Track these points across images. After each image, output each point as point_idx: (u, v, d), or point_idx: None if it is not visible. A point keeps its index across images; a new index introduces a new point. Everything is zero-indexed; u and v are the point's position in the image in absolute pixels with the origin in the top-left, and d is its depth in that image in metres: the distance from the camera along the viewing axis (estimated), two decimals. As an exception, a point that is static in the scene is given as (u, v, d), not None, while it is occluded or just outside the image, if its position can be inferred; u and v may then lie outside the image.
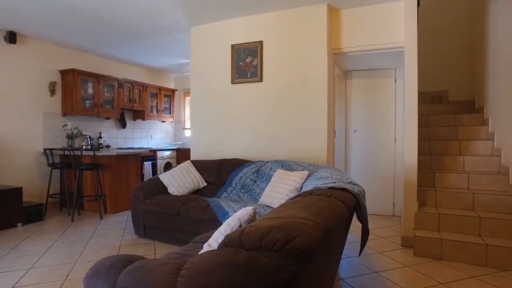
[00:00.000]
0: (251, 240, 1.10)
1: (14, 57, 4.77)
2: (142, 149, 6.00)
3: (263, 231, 1.12)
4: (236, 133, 4.25)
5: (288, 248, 1.05)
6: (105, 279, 1.28)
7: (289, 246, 1.06)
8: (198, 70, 4.51)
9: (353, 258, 3.06)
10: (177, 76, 7.80)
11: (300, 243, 1.07)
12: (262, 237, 1.09)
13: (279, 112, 3.98)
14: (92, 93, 5.51)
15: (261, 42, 4.06)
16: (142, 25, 4.38)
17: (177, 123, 7.76)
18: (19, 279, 2.64)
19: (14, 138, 4.76)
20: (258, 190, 3.54)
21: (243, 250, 1.09)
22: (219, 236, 1.48)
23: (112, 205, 4.79)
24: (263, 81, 4.07)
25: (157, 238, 3.54)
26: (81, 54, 5.72)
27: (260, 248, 1.08)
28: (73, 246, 3.39)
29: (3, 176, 4.63)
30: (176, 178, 3.74)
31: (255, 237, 1.10)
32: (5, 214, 4.04)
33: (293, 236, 1.09)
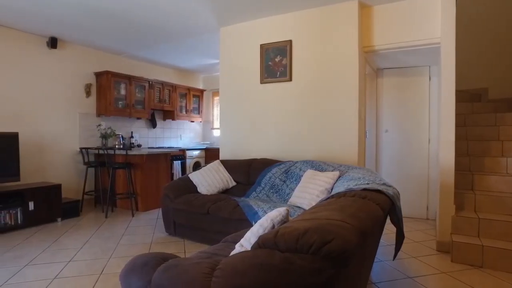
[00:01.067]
0: (286, 241, 1.08)
1: (54, 61, 5.01)
2: (171, 148, 6.13)
3: (299, 232, 1.09)
4: (265, 133, 4.24)
5: (325, 251, 1.02)
6: (140, 276, 1.30)
7: (325, 248, 1.03)
8: (227, 70, 4.54)
9: (385, 262, 2.96)
10: (205, 76, 7.90)
11: (337, 246, 1.04)
12: (297, 239, 1.07)
13: (309, 112, 3.93)
14: (124, 94, 5.69)
15: (290, 41, 4.03)
16: (172, 27, 4.46)
17: (205, 123, 7.86)
18: (60, 270, 2.77)
19: (53, 138, 5.00)
20: (287, 190, 3.50)
21: (278, 251, 1.07)
22: (252, 236, 1.47)
23: (143, 203, 4.92)
24: (292, 80, 4.03)
25: (186, 237, 3.59)
26: (115, 57, 5.92)
27: (296, 250, 1.06)
28: (107, 242, 3.51)
29: (44, 174, 4.88)
30: (205, 177, 3.78)
31: (291, 239, 1.08)
32: (47, 209, 4.26)
33: (329, 238, 1.06)
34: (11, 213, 3.95)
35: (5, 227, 3.90)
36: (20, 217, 4.03)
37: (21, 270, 2.80)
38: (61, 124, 5.11)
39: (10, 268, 2.85)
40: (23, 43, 4.66)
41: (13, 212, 3.97)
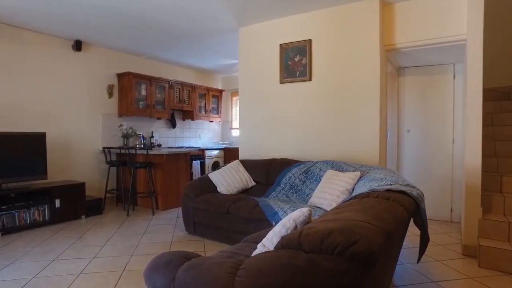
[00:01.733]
0: (310, 242, 1.07)
1: (79, 63, 5.16)
2: (191, 148, 6.20)
3: (323, 233, 1.08)
4: (284, 133, 4.23)
5: (350, 252, 1.01)
6: (164, 274, 1.32)
7: (351, 250, 1.01)
8: (246, 70, 4.55)
9: (407, 265, 2.90)
10: (224, 76, 7.94)
11: (363, 248, 1.02)
12: (322, 240, 1.06)
13: (329, 111, 3.89)
14: (145, 94, 5.79)
15: (310, 41, 4.00)
16: (192, 28, 4.51)
17: (224, 123, 7.91)
18: (85, 266, 2.86)
19: (78, 137, 5.15)
20: (307, 190, 3.48)
21: (303, 252, 1.07)
22: (274, 236, 1.46)
23: (163, 202, 5.00)
24: (312, 80, 4.00)
25: (206, 236, 3.62)
26: (136, 58, 6.04)
27: (321, 251, 1.05)
28: (129, 240, 3.58)
29: (69, 172, 5.03)
30: (225, 177, 3.80)
31: (315, 240, 1.07)
32: (72, 207, 4.39)
33: (355, 240, 1.04)
34: (39, 210, 4.10)
35: (34, 223, 4.05)
36: (47, 214, 4.17)
37: (50, 264, 2.90)
38: (85, 124, 5.26)
39: (39, 262, 2.96)
40: (51, 47, 4.83)
41: (41, 209, 4.12)
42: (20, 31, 4.52)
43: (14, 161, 4.05)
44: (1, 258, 3.07)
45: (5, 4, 3.70)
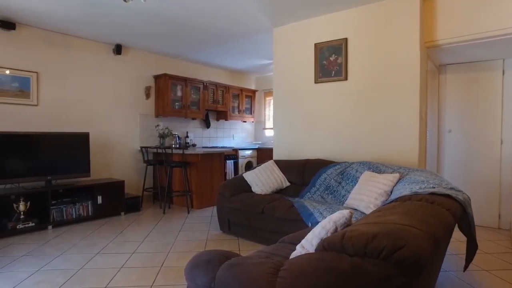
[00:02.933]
0: (354, 245, 1.05)
1: (119, 66, 5.39)
2: (225, 148, 6.28)
3: (367, 237, 1.05)
4: (319, 133, 4.17)
5: (397, 257, 0.97)
6: (205, 272, 1.34)
7: (397, 255, 0.98)
8: (281, 70, 4.54)
9: (451, 273, 2.76)
10: (258, 76, 7.98)
11: (409, 253, 0.98)
12: (366, 243, 1.03)
13: (365, 111, 3.79)
14: (181, 95, 5.94)
15: (345, 39, 3.92)
16: (227, 29, 4.57)
17: (257, 123, 7.95)
18: (126, 261, 2.98)
19: (117, 137, 5.39)
20: (343, 192, 3.41)
21: (346, 255, 1.05)
22: (313, 238, 1.44)
23: (198, 201, 5.10)
24: (348, 79, 3.92)
25: (240, 235, 3.65)
26: (172, 60, 6.21)
27: (365, 254, 1.02)
28: (166, 237, 3.68)
29: (109, 170, 5.27)
30: (260, 177, 3.81)
31: (359, 243, 1.05)
32: (113, 204, 4.60)
33: (401, 244, 1.00)
34: (83, 205, 4.34)
35: (79, 218, 4.29)
36: (90, 210, 4.40)
37: (94, 257, 3.06)
38: (124, 124, 5.48)
39: (85, 254, 3.13)
40: (94, 52, 5.08)
41: (85, 204, 4.35)
42: (67, 38, 4.79)
43: (62, 159, 4.30)
44: (53, 249, 3.29)
45: (57, 13, 3.94)
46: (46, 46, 4.60)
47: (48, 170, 4.18)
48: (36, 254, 3.15)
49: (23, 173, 3.99)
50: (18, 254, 3.18)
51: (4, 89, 4.23)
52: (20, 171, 3.97)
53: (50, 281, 2.58)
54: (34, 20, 4.22)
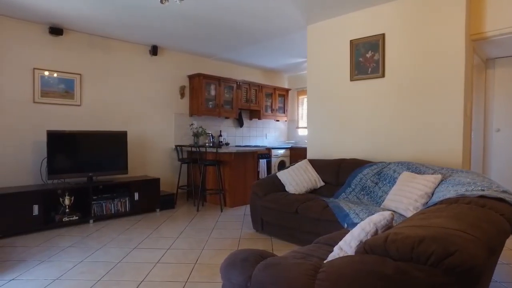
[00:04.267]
0: (399, 249, 0.99)
1: (155, 67, 5.55)
2: (258, 147, 6.28)
3: (413, 240, 0.99)
4: (355, 132, 4.06)
5: (447, 264, 0.91)
6: (240, 271, 1.33)
7: (448, 261, 0.91)
8: (315, 68, 4.46)
9: (502, 284, 2.57)
10: (290, 75, 7.91)
11: (462, 260, 0.91)
12: (412, 247, 0.97)
13: (403, 110, 3.63)
14: (214, 94, 6.01)
15: (383, 35, 3.78)
16: (260, 28, 4.56)
17: (290, 122, 7.89)
18: (161, 256, 3.05)
19: (153, 136, 5.55)
20: (380, 193, 3.29)
21: (390, 259, 0.99)
22: (352, 240, 1.39)
23: (231, 199, 5.14)
24: (385, 76, 3.78)
25: (273, 234, 3.63)
26: (206, 60, 6.30)
27: (411, 259, 0.96)
28: (200, 234, 3.74)
29: (145, 168, 5.44)
30: (293, 176, 3.77)
31: (404, 247, 0.99)
32: (148, 200, 4.74)
33: (451, 250, 0.93)
34: (121, 201, 4.50)
35: (117, 213, 4.46)
36: (128, 206, 4.56)
37: (131, 252, 3.16)
38: (160, 123, 5.64)
39: (123, 248, 3.25)
40: (131, 53, 5.27)
41: (123, 200, 4.52)
42: (108, 41, 5.00)
43: (102, 157, 4.50)
44: (95, 242, 3.44)
45: (99, 18, 4.12)
46: (89, 49, 4.82)
47: (90, 167, 4.38)
48: (79, 246, 3.31)
49: (68, 169, 4.21)
50: (64, 245, 3.36)
51: (52, 91, 4.49)
52: (66, 168, 4.19)
53: (92, 272, 2.69)
54: (79, 25, 4.44)
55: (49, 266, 2.83)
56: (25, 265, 2.85)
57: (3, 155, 4.13)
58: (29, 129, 4.32)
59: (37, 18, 4.19)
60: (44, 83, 4.43)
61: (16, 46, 4.23)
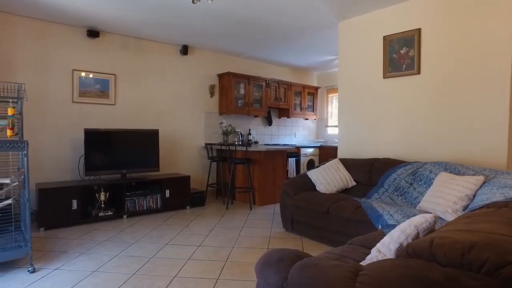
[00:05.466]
0: (447, 255, 0.94)
1: (185, 66, 5.65)
2: (287, 145, 6.25)
3: (463, 246, 0.94)
4: (387, 131, 3.93)
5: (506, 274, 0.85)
6: (276, 271, 1.32)
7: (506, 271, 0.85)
8: (347, 66, 4.36)
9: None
10: (320, 73, 7.80)
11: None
12: (462, 254, 0.92)
13: (441, 107, 3.47)
14: (244, 93, 6.03)
15: (418, 30, 3.63)
16: (291, 26, 4.52)
17: (319, 121, 7.78)
18: (193, 253, 3.10)
19: (184, 134, 5.65)
20: (414, 194, 3.17)
21: (437, 265, 0.94)
22: (391, 242, 1.34)
23: (260, 198, 5.14)
24: (421, 73, 3.63)
25: (304, 234, 3.59)
26: (235, 58, 6.33)
27: (462, 266, 0.91)
28: (230, 232, 3.76)
29: (176, 166, 5.55)
30: (324, 175, 3.71)
31: (453, 252, 0.94)
32: (179, 198, 4.83)
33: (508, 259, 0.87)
34: (153, 198, 4.62)
35: (149, 210, 4.58)
36: (159, 202, 4.67)
37: (164, 247, 3.24)
38: (190, 122, 5.73)
39: (156, 244, 3.33)
40: (163, 53, 5.39)
41: (154, 197, 4.63)
42: (140, 41, 5.15)
43: (135, 154, 4.63)
44: (129, 237, 3.55)
45: (133, 19, 4.25)
46: (123, 50, 4.98)
47: (123, 164, 4.52)
48: (115, 240, 3.43)
49: (103, 166, 4.37)
50: (101, 238, 3.50)
51: (89, 91, 4.68)
52: (101, 165, 4.36)
53: (127, 266, 2.78)
54: (114, 27, 4.59)
55: (88, 258, 2.95)
56: (67, 256, 2.99)
57: (47, 152, 4.35)
58: (68, 127, 4.53)
59: (77, 22, 4.37)
60: (81, 84, 4.62)
61: (58, 49, 4.44)
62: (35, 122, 4.26)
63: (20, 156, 2.92)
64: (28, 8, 3.92)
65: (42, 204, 3.75)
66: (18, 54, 4.17)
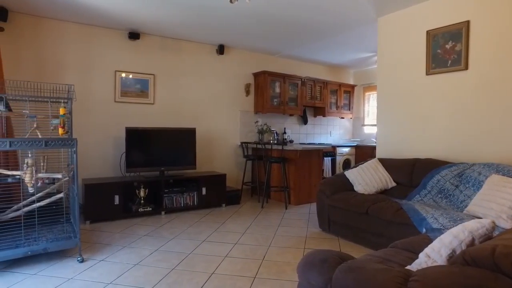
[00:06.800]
0: (513, 264, 0.87)
1: (221, 65, 5.72)
2: (323, 145, 6.15)
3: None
4: (430, 130, 3.75)
5: None
6: (320, 272, 1.30)
7: None
8: (386, 63, 4.21)
9: None
10: (356, 71, 7.61)
11: None
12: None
13: (490, 105, 3.25)
14: (279, 92, 6.01)
15: (467, 23, 3.42)
16: (327, 23, 4.44)
17: (356, 119, 7.59)
18: (229, 250, 3.13)
19: (220, 132, 5.73)
20: (461, 197, 3.00)
21: (503, 276, 0.88)
22: (442, 248, 1.27)
23: (295, 197, 5.10)
24: (468, 68, 3.42)
25: (341, 235, 3.52)
26: (270, 57, 6.32)
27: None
28: (265, 231, 3.76)
29: (212, 164, 5.64)
30: (363, 175, 3.61)
31: (519, 262, 0.87)
32: (215, 195, 4.90)
33: None
34: (190, 195, 4.72)
35: (186, 207, 4.69)
36: (196, 200, 4.76)
37: (201, 244, 3.30)
38: (226, 120, 5.80)
39: (193, 240, 3.41)
40: (200, 53, 5.49)
41: (191, 194, 4.73)
42: (178, 42, 5.28)
43: (172, 152, 4.76)
44: (168, 233, 3.66)
45: (172, 20, 4.36)
46: (161, 50, 5.13)
47: (162, 161, 4.66)
48: (154, 235, 3.55)
49: (142, 163, 4.53)
50: (141, 233, 3.63)
51: (130, 90, 4.87)
52: (141, 162, 4.52)
53: (167, 261, 2.86)
54: (154, 29, 4.74)
55: (130, 251, 3.07)
56: (111, 249, 3.13)
57: (91, 150, 4.59)
58: (111, 126, 4.74)
59: (119, 25, 4.56)
60: (123, 84, 4.82)
61: (102, 51, 4.66)
62: (80, 121, 4.49)
63: (70, 153, 3.09)
64: (75, 14, 4.15)
65: (88, 198, 3.95)
66: (67, 57, 4.42)
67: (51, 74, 4.32)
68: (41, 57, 4.28)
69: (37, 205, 2.76)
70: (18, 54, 4.14)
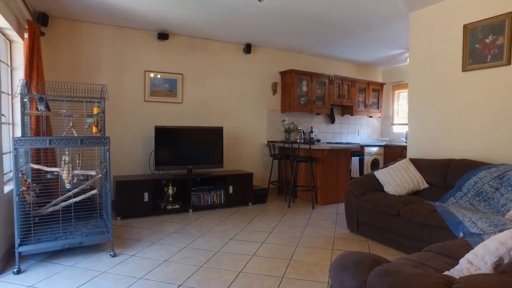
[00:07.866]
0: None
1: (248, 64, 5.73)
2: (350, 144, 6.03)
3: None
4: (465, 130, 3.58)
5: None
6: (354, 275, 1.26)
7: None
8: (418, 59, 4.06)
9: None
10: (385, 69, 7.39)
11: None
12: None
13: (535, 103, 3.06)
14: (306, 90, 5.94)
15: (511, 14, 3.23)
16: (356, 19, 4.33)
17: (384, 118, 7.38)
18: (257, 249, 3.13)
19: (247, 131, 5.74)
20: (502, 200, 2.84)
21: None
22: (487, 254, 1.20)
23: (322, 197, 5.03)
24: (511, 64, 3.23)
25: (370, 236, 3.43)
26: (297, 55, 6.26)
27: None
28: (292, 230, 3.73)
29: (239, 163, 5.66)
30: (393, 176, 3.50)
31: None
32: (242, 194, 4.92)
33: None
34: (217, 193, 4.77)
35: (213, 205, 4.74)
36: (223, 198, 4.80)
37: (228, 242, 3.32)
38: (253, 119, 5.80)
39: (221, 238, 3.43)
40: (227, 52, 5.52)
41: (218, 193, 4.77)
42: (206, 42, 5.33)
43: (200, 150, 4.82)
44: (195, 230, 3.71)
45: (200, 20, 4.42)
46: (189, 50, 5.21)
47: (190, 160, 4.73)
48: (182, 233, 3.61)
49: (171, 161, 4.62)
50: (170, 230, 3.70)
51: (158, 90, 4.97)
52: (169, 160, 4.61)
53: (194, 258, 2.90)
54: (182, 29, 4.82)
55: (159, 248, 3.13)
56: (141, 245, 3.21)
57: (121, 148, 4.72)
58: (140, 125, 4.86)
59: (149, 26, 4.67)
60: (152, 83, 4.93)
61: (133, 52, 4.79)
62: (112, 119, 4.63)
63: (102, 151, 3.20)
64: (108, 17, 4.28)
65: (119, 195, 4.08)
66: (100, 58, 4.58)
67: (85, 74, 4.49)
68: (77, 59, 4.45)
69: (73, 200, 2.87)
70: (56, 56, 4.33)
